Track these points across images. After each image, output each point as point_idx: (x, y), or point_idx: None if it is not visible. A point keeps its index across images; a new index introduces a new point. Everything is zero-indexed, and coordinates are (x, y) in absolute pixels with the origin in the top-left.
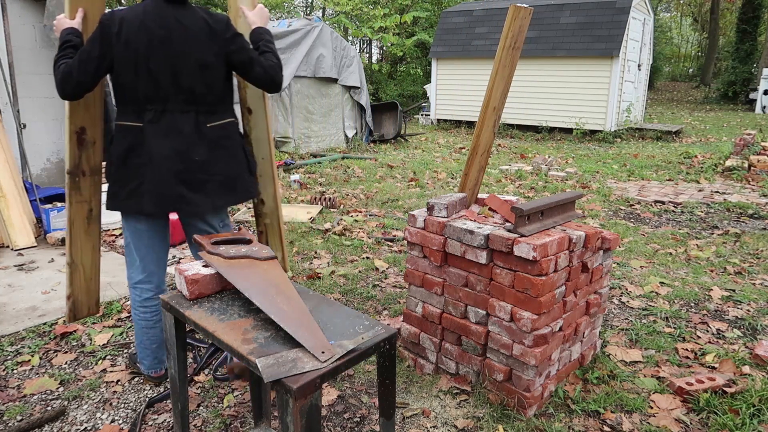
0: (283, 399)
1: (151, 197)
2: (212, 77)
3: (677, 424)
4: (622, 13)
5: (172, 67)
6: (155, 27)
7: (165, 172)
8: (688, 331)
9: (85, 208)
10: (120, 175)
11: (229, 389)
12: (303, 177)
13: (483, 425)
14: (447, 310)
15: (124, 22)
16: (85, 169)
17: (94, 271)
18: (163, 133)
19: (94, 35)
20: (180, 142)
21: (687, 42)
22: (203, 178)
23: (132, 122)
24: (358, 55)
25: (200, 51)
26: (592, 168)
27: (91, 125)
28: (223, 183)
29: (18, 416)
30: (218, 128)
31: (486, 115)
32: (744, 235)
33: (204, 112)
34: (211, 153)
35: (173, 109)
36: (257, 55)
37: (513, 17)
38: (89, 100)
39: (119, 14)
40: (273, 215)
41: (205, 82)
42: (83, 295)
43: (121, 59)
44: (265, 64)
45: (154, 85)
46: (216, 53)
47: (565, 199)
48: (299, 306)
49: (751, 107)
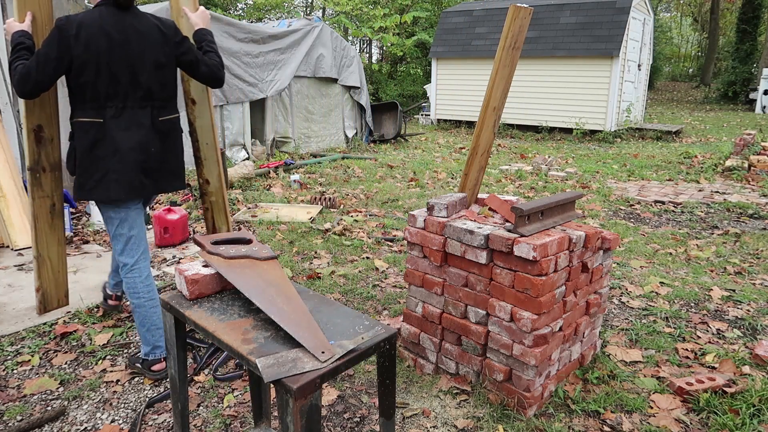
0: (283, 399)
1: (118, 185)
2: (165, 76)
3: (677, 424)
4: (622, 13)
5: (131, 67)
6: (114, 31)
7: (131, 162)
8: (688, 331)
9: (48, 203)
10: (86, 167)
11: (229, 389)
12: (303, 177)
13: (483, 425)
14: (447, 310)
15: (82, 26)
16: (45, 166)
17: (60, 263)
18: (125, 127)
19: (52, 38)
20: (141, 134)
21: (687, 42)
22: (158, 167)
23: (93, 118)
24: (358, 55)
25: (155, 53)
26: (592, 168)
27: (47, 123)
28: (173, 171)
29: (18, 416)
30: (168, 122)
31: (486, 115)
32: (744, 235)
33: (158, 107)
34: (163, 144)
35: (133, 105)
36: (202, 55)
37: (513, 17)
38: (45, 99)
39: (76, 19)
40: (218, 194)
41: (159, 80)
42: (52, 288)
43: (82, 60)
44: (209, 63)
45: (114, 83)
46: (167, 54)
47: (565, 199)
48: (299, 306)
49: (751, 107)
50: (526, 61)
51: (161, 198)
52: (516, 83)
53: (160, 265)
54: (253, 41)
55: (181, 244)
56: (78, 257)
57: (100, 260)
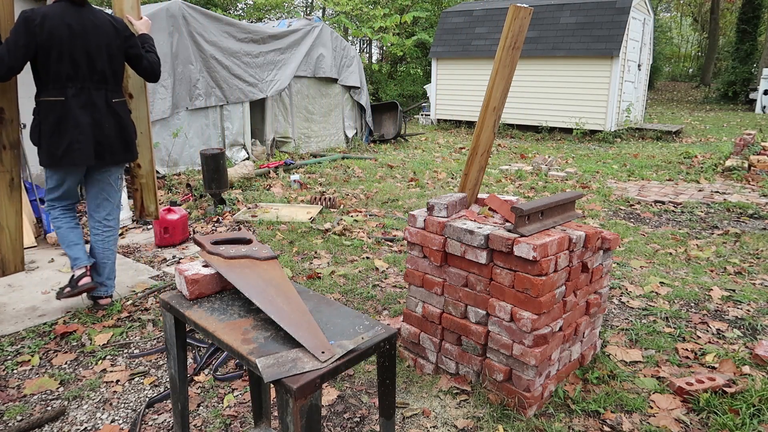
0: (283, 399)
1: (80, 153)
2: (116, 64)
3: (677, 424)
4: (622, 13)
5: (88, 54)
6: (74, 23)
7: (89, 135)
8: (688, 331)
9: (7, 177)
10: (54, 139)
11: (229, 389)
12: (303, 177)
13: (483, 425)
14: (447, 310)
15: (46, 18)
16: (6, 144)
17: (18, 233)
18: (83, 105)
19: (18, 28)
20: (96, 112)
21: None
22: (112, 141)
23: (56, 97)
24: (358, 55)
25: (108, 43)
26: (592, 168)
27: (8, 107)
28: (125, 145)
29: (18, 416)
30: (119, 104)
31: (486, 115)
32: (744, 235)
33: (111, 90)
34: (116, 122)
35: (89, 87)
36: (144, 53)
37: (513, 17)
38: (5, 85)
39: (40, 11)
40: (149, 176)
41: (111, 67)
42: (10, 254)
43: (46, 47)
44: (150, 59)
45: (75, 67)
46: (119, 46)
47: (565, 199)
48: (299, 306)
49: (751, 107)
50: (526, 61)
51: (161, 198)
52: (516, 83)
53: (160, 265)
54: (253, 41)
55: (181, 244)
56: None
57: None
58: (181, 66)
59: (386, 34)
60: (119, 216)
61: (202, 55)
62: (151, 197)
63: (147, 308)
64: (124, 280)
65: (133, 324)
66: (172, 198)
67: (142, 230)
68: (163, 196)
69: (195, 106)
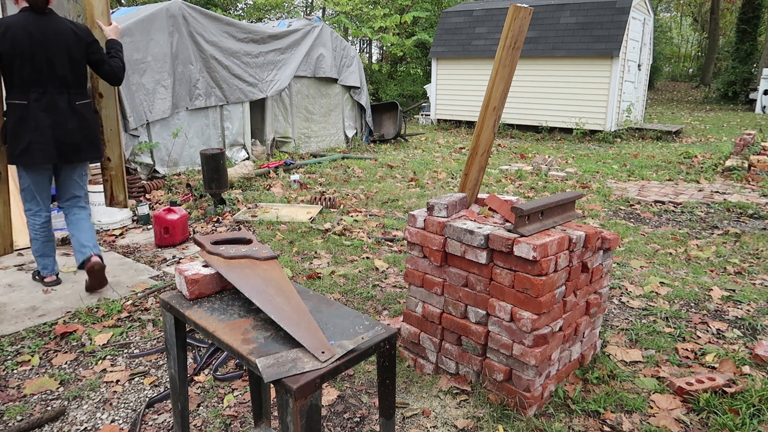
0: (283, 399)
1: (39, 153)
2: (78, 68)
3: (677, 424)
4: (622, 13)
5: (49, 60)
6: (35, 31)
7: (48, 137)
8: (688, 331)
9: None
10: (14, 139)
11: (229, 389)
12: (303, 177)
13: (483, 425)
14: (447, 310)
15: (9, 28)
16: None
17: (5, 220)
18: (45, 108)
19: None
20: (58, 114)
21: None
22: (76, 141)
23: (19, 100)
24: (358, 55)
25: (69, 49)
26: (592, 168)
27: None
28: (90, 143)
29: (18, 416)
30: (83, 105)
31: (486, 115)
32: (744, 235)
33: (74, 93)
34: (80, 122)
35: (52, 91)
36: (108, 57)
37: (513, 17)
38: None
39: (5, 21)
40: (118, 169)
41: (73, 72)
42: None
43: (10, 55)
44: (112, 64)
45: (36, 73)
46: (80, 52)
47: (565, 199)
48: (299, 306)
49: (751, 107)
50: (526, 61)
51: (161, 198)
52: (516, 83)
53: (160, 265)
54: (253, 41)
55: (181, 244)
56: None
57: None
58: (181, 66)
59: (386, 34)
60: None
61: (202, 55)
62: (120, 187)
63: (147, 308)
64: (124, 280)
65: (133, 324)
66: (172, 198)
67: (142, 230)
68: (163, 196)
69: (195, 106)
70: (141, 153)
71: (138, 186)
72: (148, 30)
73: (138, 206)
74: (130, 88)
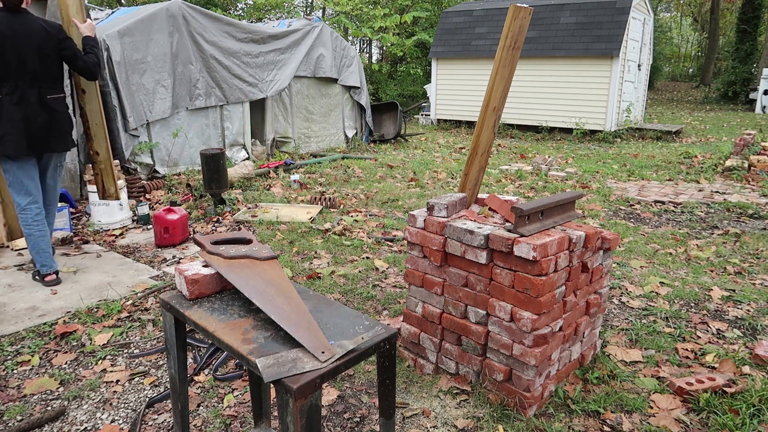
0: (283, 399)
1: (12, 144)
2: (49, 64)
3: (677, 424)
4: (622, 13)
5: (19, 56)
6: (5, 30)
7: (21, 129)
8: (688, 331)
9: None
10: None
11: (229, 389)
12: (303, 177)
13: (483, 425)
14: (447, 310)
15: None
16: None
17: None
18: (16, 102)
19: None
20: (28, 108)
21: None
22: (46, 133)
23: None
24: (358, 55)
25: (40, 46)
26: (592, 168)
27: None
28: (60, 135)
29: (18, 416)
30: (55, 100)
31: (486, 115)
32: (744, 235)
33: (45, 87)
34: (51, 116)
35: (23, 85)
36: (82, 53)
37: (513, 17)
38: None
39: None
40: (106, 162)
41: (44, 67)
42: None
43: None
44: (86, 60)
45: (7, 69)
46: (52, 48)
47: (565, 199)
48: (299, 306)
49: (751, 107)
50: (526, 61)
51: (161, 198)
52: (516, 83)
53: (160, 265)
54: (253, 41)
55: (181, 244)
56: (78, 257)
57: (100, 260)
58: (181, 66)
59: (386, 34)
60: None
61: (202, 55)
62: (110, 180)
63: (147, 308)
64: (124, 280)
65: (133, 324)
66: (172, 198)
67: (142, 230)
68: (163, 196)
69: (195, 106)
70: (141, 153)
71: (138, 186)
72: (148, 30)
73: (138, 206)
74: (130, 88)
